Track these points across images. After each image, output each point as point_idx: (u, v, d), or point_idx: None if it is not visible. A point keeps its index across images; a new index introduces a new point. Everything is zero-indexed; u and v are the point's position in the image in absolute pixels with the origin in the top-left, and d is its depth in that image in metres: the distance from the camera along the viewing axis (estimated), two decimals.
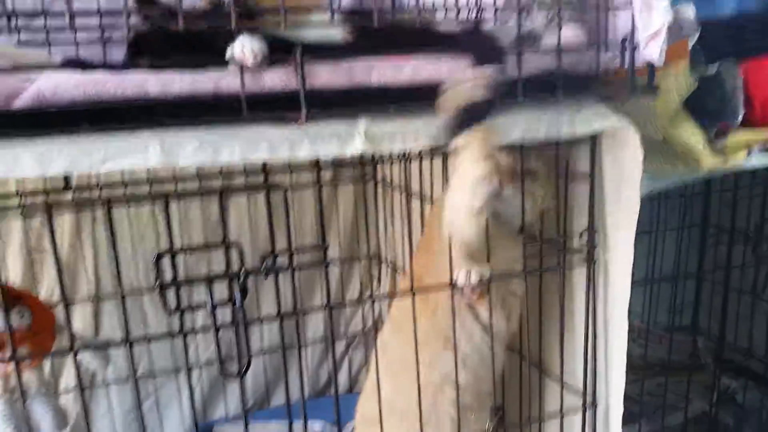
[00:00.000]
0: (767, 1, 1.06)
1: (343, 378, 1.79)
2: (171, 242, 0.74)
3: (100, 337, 1.51)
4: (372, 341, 1.71)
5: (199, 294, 0.78)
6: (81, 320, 1.51)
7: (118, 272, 0.77)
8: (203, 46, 0.71)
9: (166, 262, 0.75)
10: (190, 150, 0.69)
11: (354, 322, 1.75)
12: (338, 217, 1.67)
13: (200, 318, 0.94)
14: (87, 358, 1.06)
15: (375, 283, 1.76)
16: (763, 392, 1.68)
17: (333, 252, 1.68)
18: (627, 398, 0.98)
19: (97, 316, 1.52)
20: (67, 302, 1.27)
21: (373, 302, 1.65)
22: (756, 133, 0.96)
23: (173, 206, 1.44)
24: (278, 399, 1.71)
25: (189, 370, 0.84)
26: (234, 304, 0.76)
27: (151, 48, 0.73)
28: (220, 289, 0.78)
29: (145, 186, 0.92)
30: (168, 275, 0.76)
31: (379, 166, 1.65)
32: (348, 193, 1.67)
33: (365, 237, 1.66)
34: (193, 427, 1.61)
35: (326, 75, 0.74)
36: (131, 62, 0.75)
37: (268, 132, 0.72)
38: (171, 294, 0.76)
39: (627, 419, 0.99)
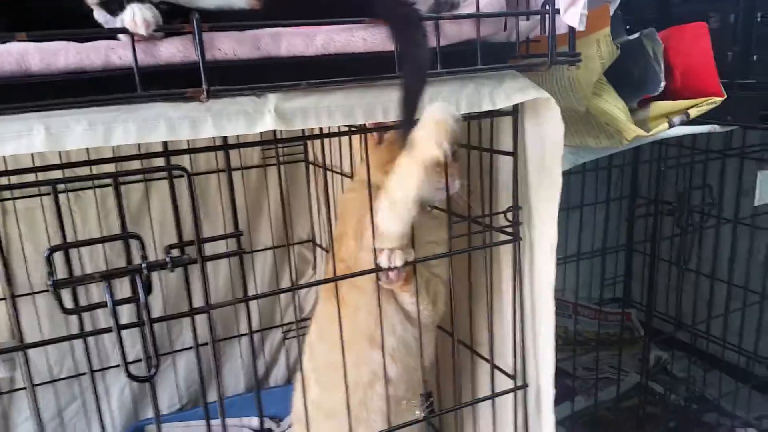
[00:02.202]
0: None
1: (281, 369, 1.75)
2: (63, 235, 0.67)
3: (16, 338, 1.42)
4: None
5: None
6: None
7: (6, 269, 0.70)
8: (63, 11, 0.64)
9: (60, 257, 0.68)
10: (79, 132, 0.62)
11: (290, 310, 1.70)
12: (269, 200, 1.61)
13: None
14: None
15: (310, 269, 1.72)
16: (690, 361, 1.73)
17: (266, 238, 1.63)
18: (561, 373, 0.97)
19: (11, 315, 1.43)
20: None
21: (295, 289, 1.60)
22: (677, 103, 0.96)
23: (66, 196, 1.37)
24: (214, 395, 1.65)
25: (92, 373, 0.76)
26: (137, 301, 0.70)
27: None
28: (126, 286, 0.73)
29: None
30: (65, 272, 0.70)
31: (309, 146, 1.60)
32: (277, 175, 1.60)
33: (299, 221, 1.62)
34: (121, 428, 1.55)
35: (229, 45, 0.68)
36: None
37: (166, 110, 0.66)
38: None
39: (562, 395, 0.98)
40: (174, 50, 0.66)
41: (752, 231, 1.58)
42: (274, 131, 0.73)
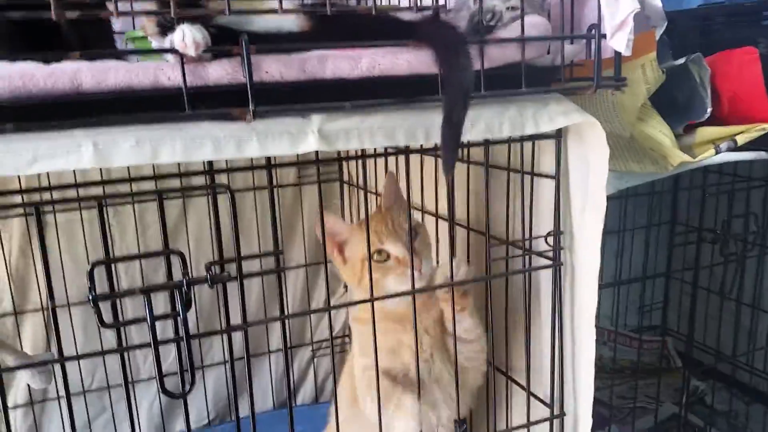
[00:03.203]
0: None
1: (308, 387, 1.74)
2: (106, 250, 0.68)
3: (53, 349, 1.44)
4: (337, 348, 1.67)
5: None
6: (32, 331, 1.44)
7: (49, 283, 0.71)
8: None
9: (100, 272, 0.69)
10: (126, 149, 0.63)
11: (321, 327, 1.70)
12: (303, 218, 1.62)
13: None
14: (26, 377, 1.00)
15: (341, 287, 1.71)
16: (731, 393, 1.67)
17: (298, 256, 1.63)
18: (597, 402, 0.94)
19: (48, 326, 1.45)
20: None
21: (331, 309, 1.59)
22: (724, 129, 0.94)
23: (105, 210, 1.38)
24: (244, 410, 1.64)
25: (127, 387, 0.76)
26: (176, 316, 0.70)
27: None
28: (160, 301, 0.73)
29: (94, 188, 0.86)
30: (107, 286, 0.70)
31: (344, 165, 1.61)
32: (313, 193, 1.61)
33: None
34: None
35: (276, 67, 0.69)
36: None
37: (212, 129, 0.66)
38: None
39: (597, 424, 0.95)
40: (222, 72, 0.67)
41: None
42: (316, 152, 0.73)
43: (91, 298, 0.67)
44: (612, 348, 1.75)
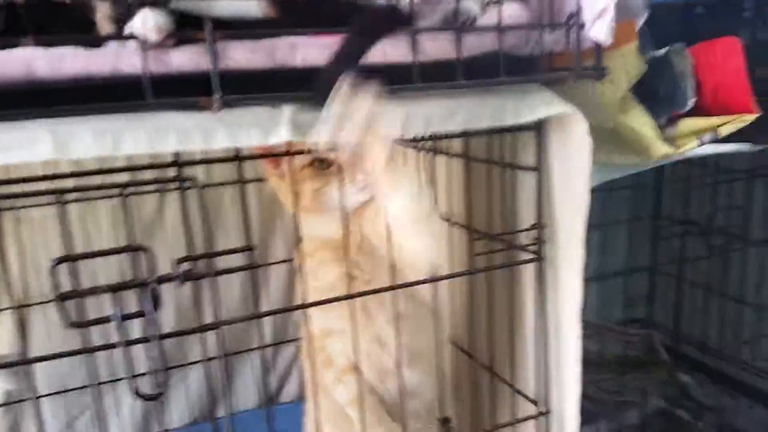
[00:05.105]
0: None
1: (293, 384, 1.71)
2: (70, 247, 0.65)
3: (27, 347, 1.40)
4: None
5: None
6: (5, 330, 1.41)
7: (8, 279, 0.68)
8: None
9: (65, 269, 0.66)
10: (87, 140, 0.60)
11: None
12: (283, 211, 1.59)
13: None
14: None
15: None
16: (718, 388, 1.67)
17: (280, 251, 1.61)
18: (583, 396, 0.93)
19: (23, 325, 1.42)
20: None
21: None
22: (707, 120, 0.93)
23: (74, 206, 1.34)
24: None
25: (97, 386, 0.74)
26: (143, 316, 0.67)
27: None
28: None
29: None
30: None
31: None
32: None
33: None
34: None
35: (243, 54, 0.66)
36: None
37: (177, 119, 0.64)
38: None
39: (584, 419, 0.94)
40: (186, 59, 0.64)
41: None
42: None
43: (55, 296, 0.64)
44: (597, 342, 1.75)
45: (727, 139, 0.93)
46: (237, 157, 0.72)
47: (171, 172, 0.75)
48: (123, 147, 0.62)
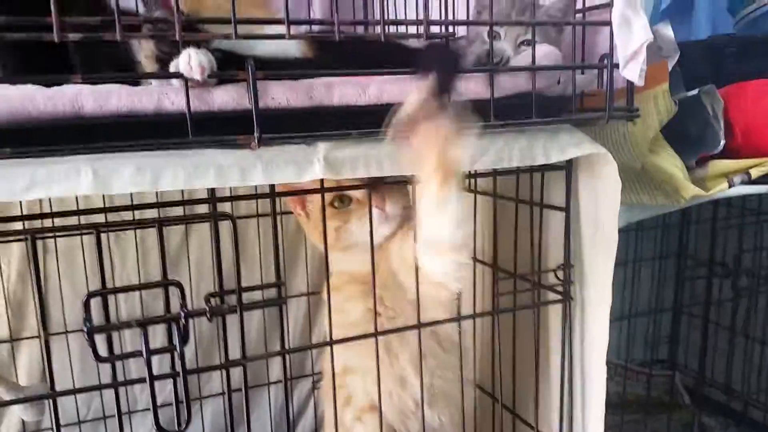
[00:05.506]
0: (744, 24, 1.03)
1: (308, 419, 1.70)
2: (103, 281, 0.66)
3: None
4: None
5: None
6: (28, 359, 1.41)
7: (43, 311, 0.68)
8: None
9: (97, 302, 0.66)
10: (127, 176, 0.61)
11: (322, 357, 1.66)
12: (306, 246, 1.59)
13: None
14: (19, 409, 0.96)
15: None
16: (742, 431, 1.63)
17: (301, 284, 1.60)
18: None
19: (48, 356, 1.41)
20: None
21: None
22: (737, 162, 0.92)
23: (106, 236, 1.34)
24: None
25: (121, 423, 0.73)
26: (173, 350, 0.67)
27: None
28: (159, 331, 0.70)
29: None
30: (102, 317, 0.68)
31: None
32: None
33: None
34: None
35: (282, 93, 0.67)
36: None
37: (216, 156, 0.65)
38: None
39: None
40: (227, 97, 0.65)
41: None
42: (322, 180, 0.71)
43: (86, 330, 0.64)
44: (619, 382, 1.71)
45: (757, 180, 0.93)
46: (272, 194, 0.73)
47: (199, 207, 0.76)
48: (162, 183, 0.62)
